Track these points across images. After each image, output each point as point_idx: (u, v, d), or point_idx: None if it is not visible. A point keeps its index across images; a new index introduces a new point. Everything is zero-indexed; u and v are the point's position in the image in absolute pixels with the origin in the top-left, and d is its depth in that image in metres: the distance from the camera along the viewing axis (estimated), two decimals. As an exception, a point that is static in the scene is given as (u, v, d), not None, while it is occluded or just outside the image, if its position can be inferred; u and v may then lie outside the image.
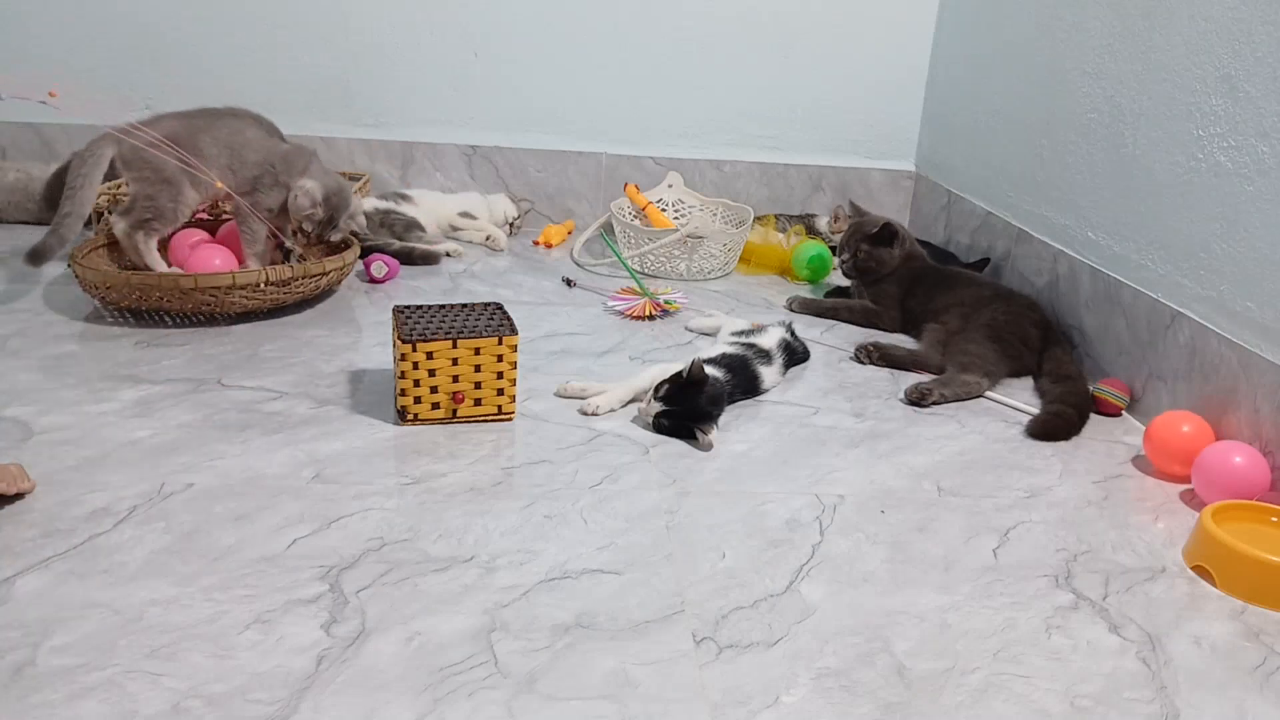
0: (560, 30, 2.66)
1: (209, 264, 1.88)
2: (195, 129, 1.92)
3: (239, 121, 1.99)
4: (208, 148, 1.91)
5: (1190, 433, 1.45)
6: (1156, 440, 1.47)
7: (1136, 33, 1.77)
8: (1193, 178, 1.60)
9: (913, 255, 2.13)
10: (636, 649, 1.00)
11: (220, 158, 1.93)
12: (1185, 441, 1.44)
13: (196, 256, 1.91)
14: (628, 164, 2.75)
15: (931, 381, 1.71)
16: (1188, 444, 1.44)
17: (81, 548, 1.11)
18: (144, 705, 0.88)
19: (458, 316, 1.51)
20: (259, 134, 2.00)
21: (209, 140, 1.92)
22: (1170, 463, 1.46)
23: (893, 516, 1.30)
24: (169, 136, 1.87)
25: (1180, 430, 1.46)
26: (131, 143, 1.86)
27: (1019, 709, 0.95)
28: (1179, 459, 1.45)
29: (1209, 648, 1.07)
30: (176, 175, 1.88)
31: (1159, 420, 1.49)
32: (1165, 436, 1.46)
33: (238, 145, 1.95)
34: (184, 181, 1.89)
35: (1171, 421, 1.47)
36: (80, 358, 1.64)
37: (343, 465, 1.33)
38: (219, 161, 1.92)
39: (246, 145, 1.96)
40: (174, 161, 1.87)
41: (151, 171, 1.88)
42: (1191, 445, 1.43)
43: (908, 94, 2.78)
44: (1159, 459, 1.48)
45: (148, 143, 1.85)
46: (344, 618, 1.02)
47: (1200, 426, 1.46)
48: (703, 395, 1.48)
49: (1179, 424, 1.46)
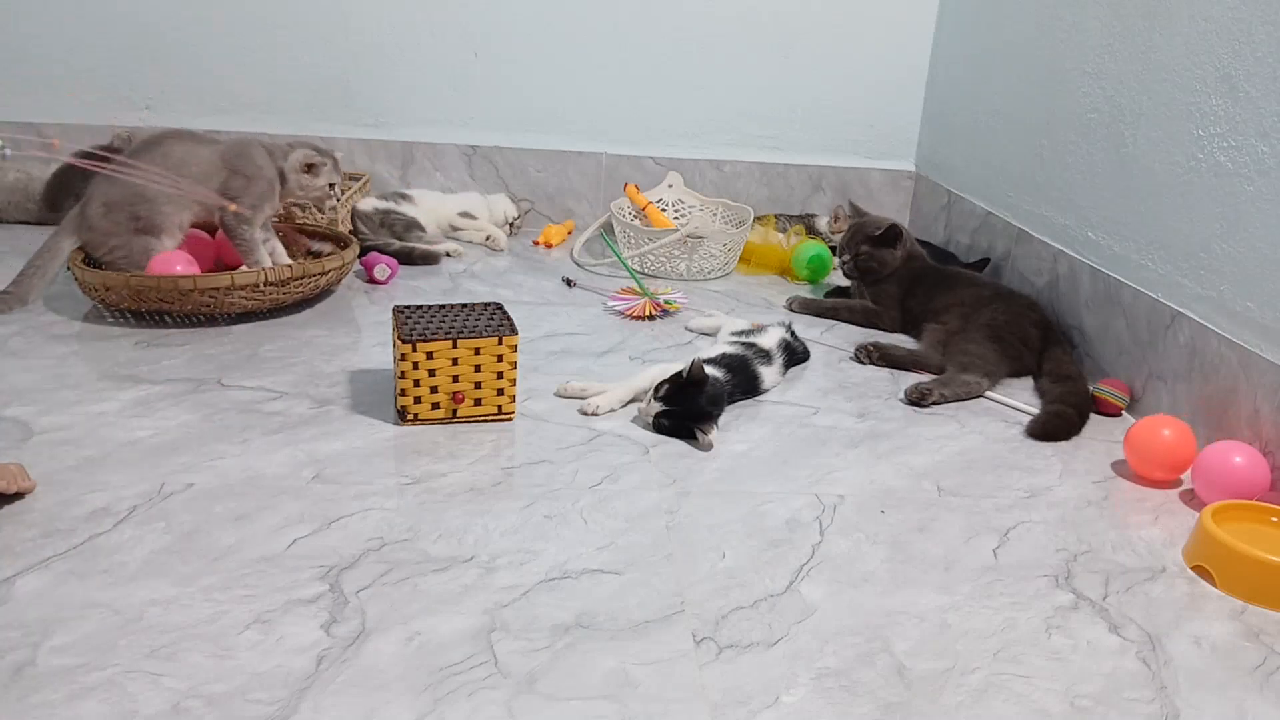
0: (560, 30, 2.66)
1: (169, 268, 1.81)
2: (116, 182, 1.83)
3: (159, 146, 1.88)
4: (144, 189, 1.82)
5: (1171, 438, 1.43)
6: (1138, 446, 1.45)
7: (1136, 33, 1.77)
8: (1193, 178, 1.60)
9: (913, 255, 2.13)
10: (636, 649, 1.00)
11: (163, 189, 1.83)
12: (1166, 446, 1.42)
13: (157, 260, 1.84)
14: (628, 164, 2.75)
15: (931, 381, 1.71)
16: (1169, 449, 1.42)
17: (81, 548, 1.11)
18: (144, 705, 0.88)
19: (458, 316, 1.51)
20: (186, 147, 1.90)
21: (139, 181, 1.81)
22: (1152, 469, 1.44)
23: (893, 516, 1.30)
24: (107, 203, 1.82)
25: (1161, 435, 1.43)
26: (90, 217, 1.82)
27: (1019, 709, 0.95)
28: (1160, 465, 1.43)
29: (1209, 648, 1.07)
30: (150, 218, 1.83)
31: (1138, 426, 1.46)
32: (1146, 441, 1.44)
33: (172, 167, 1.84)
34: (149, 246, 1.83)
35: (1151, 426, 1.44)
36: (80, 358, 1.64)
37: (343, 465, 1.33)
38: (168, 194, 1.84)
39: (184, 163, 1.86)
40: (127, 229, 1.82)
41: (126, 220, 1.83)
42: (1173, 450, 1.42)
43: (908, 94, 2.78)
44: (1141, 466, 1.45)
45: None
46: (344, 618, 1.02)
47: (1181, 431, 1.43)
48: (703, 395, 1.48)
49: (1159, 429, 1.44)
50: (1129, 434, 1.46)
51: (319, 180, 1.98)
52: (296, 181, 1.96)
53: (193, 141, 1.93)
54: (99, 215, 1.83)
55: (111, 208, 1.84)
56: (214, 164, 1.90)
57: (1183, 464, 1.43)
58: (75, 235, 1.84)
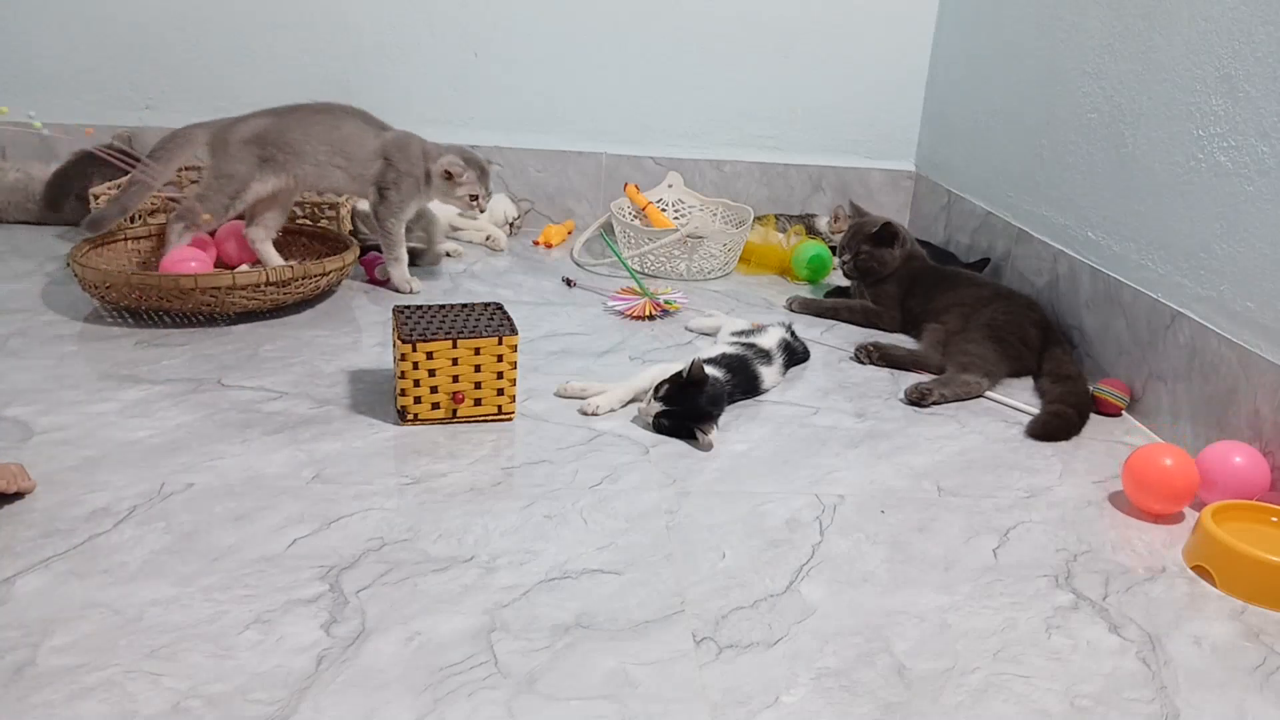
0: (560, 30, 2.66)
1: (183, 266, 1.85)
2: (285, 125, 1.93)
3: (337, 115, 1.99)
4: (301, 144, 1.93)
5: (1173, 467, 1.32)
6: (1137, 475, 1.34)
7: (1136, 33, 1.77)
8: (1193, 178, 1.60)
9: (913, 255, 2.13)
10: (636, 649, 1.00)
11: (318, 154, 1.94)
12: (1165, 476, 1.32)
13: (170, 259, 1.88)
14: (628, 164, 2.75)
15: (931, 381, 1.71)
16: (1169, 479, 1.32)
17: (81, 548, 1.11)
18: (144, 705, 0.88)
19: (458, 316, 1.51)
20: (357, 126, 1.99)
21: (301, 136, 1.93)
22: (1150, 500, 1.34)
23: (893, 516, 1.30)
24: (258, 133, 1.91)
25: (1161, 464, 1.32)
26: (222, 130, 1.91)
27: (1019, 709, 0.95)
28: (1159, 496, 1.33)
29: (1209, 648, 1.07)
30: (244, 172, 1.91)
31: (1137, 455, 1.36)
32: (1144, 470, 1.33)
33: (339, 140, 1.95)
34: (251, 179, 1.91)
35: (1151, 455, 1.34)
36: (80, 358, 1.64)
37: (343, 465, 1.33)
38: (318, 159, 1.94)
39: (348, 140, 1.95)
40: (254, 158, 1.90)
41: (225, 163, 1.91)
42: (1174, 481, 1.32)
43: (908, 94, 2.78)
44: (1138, 495, 1.35)
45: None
46: (344, 618, 1.02)
47: (1183, 461, 1.33)
48: (703, 395, 1.48)
49: (1160, 457, 1.33)
50: (1127, 464, 1.36)
51: (458, 190, 2.00)
52: (438, 186, 2.00)
53: (362, 122, 2.00)
54: (240, 137, 1.91)
55: (256, 141, 1.91)
56: (373, 151, 1.97)
57: (1185, 494, 1.33)
58: (210, 134, 1.92)
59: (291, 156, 1.92)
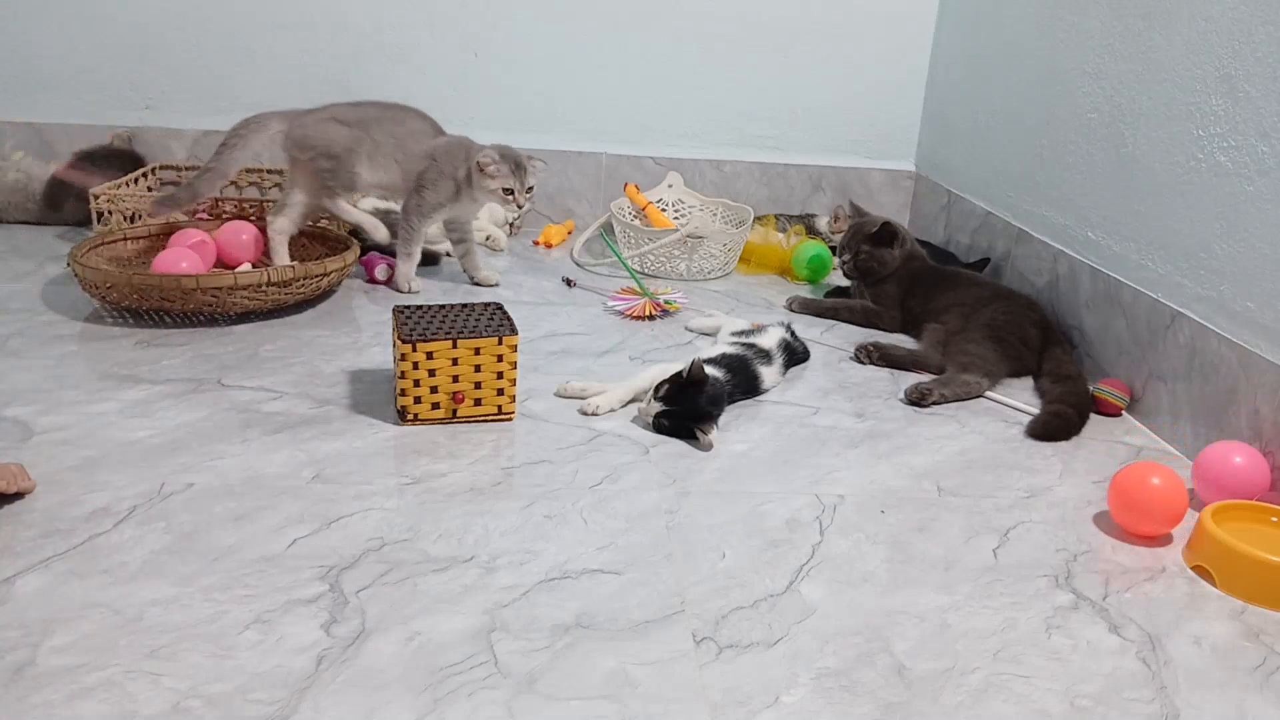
0: (560, 30, 2.66)
1: (175, 267, 1.84)
2: (366, 117, 2.00)
3: (403, 112, 2.05)
4: (378, 135, 1.99)
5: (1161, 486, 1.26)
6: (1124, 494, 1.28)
7: (1136, 33, 1.77)
8: (1193, 178, 1.60)
9: (913, 255, 2.13)
10: (636, 649, 1.00)
11: (385, 146, 2.00)
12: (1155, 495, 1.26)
13: (162, 259, 1.87)
14: (628, 164, 2.75)
15: (931, 381, 1.71)
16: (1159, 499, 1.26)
17: (81, 548, 1.11)
18: (144, 705, 0.88)
19: (458, 316, 1.51)
20: (422, 126, 2.05)
21: (379, 130, 2.00)
22: (1139, 521, 1.28)
23: (893, 516, 1.30)
24: (336, 116, 1.98)
25: (1149, 483, 1.26)
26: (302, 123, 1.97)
27: (1019, 709, 0.95)
28: (1150, 517, 1.27)
29: (1209, 648, 1.07)
30: (345, 153, 1.96)
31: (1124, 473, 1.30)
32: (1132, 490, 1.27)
33: (402, 135, 2.01)
34: (355, 158, 1.98)
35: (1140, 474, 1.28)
36: (80, 358, 1.64)
37: (343, 465, 1.33)
38: (386, 151, 2.00)
39: (410, 136, 2.02)
40: (342, 139, 1.96)
41: (324, 146, 1.96)
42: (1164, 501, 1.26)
43: (908, 94, 2.78)
44: (1125, 518, 1.29)
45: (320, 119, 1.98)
46: (344, 618, 1.02)
47: (1172, 481, 1.27)
48: (703, 395, 1.48)
49: (1148, 475, 1.27)
50: (1114, 482, 1.31)
51: (490, 184, 2.00)
52: (476, 182, 2.01)
53: (425, 124, 2.07)
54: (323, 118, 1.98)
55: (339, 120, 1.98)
56: (422, 152, 2.02)
57: (1175, 516, 1.28)
58: (287, 119, 1.98)
59: (367, 138, 1.99)
